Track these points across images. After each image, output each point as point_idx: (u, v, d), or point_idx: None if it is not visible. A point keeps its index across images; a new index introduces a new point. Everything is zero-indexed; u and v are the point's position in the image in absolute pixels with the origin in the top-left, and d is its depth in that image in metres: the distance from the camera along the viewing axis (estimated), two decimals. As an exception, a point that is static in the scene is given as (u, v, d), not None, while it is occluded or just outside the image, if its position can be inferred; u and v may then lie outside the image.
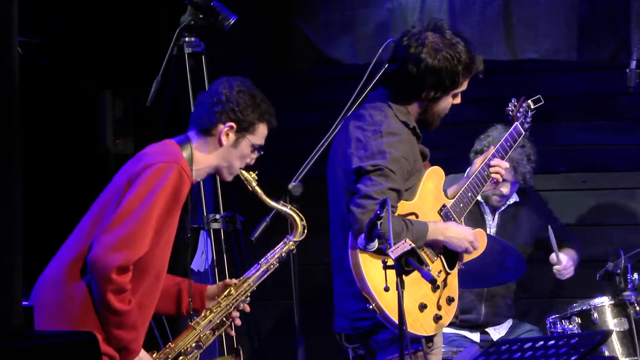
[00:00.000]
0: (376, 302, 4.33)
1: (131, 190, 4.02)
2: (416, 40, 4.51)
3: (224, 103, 4.20)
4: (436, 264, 4.56)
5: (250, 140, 4.26)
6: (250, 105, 4.23)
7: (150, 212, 3.98)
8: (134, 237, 3.96)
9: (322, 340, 5.32)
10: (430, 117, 4.63)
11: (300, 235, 4.39)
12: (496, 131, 5.90)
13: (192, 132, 4.26)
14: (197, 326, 4.27)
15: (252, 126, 4.25)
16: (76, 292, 4.03)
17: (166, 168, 4.03)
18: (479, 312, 5.98)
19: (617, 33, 5.91)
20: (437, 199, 4.65)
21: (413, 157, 4.53)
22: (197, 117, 4.25)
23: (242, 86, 4.25)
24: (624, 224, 6.65)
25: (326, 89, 6.78)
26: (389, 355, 4.47)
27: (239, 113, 4.21)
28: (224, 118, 4.21)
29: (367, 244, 4.17)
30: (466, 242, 4.56)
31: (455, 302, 4.59)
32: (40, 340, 3.46)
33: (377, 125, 4.50)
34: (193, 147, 4.20)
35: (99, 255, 3.94)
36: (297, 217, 4.39)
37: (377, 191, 4.35)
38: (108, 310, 3.98)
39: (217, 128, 4.21)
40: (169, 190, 4.01)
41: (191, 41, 5.23)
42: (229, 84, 4.25)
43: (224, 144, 4.22)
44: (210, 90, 4.29)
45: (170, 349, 4.23)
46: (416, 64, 4.49)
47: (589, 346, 4.05)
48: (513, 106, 4.96)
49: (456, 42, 4.53)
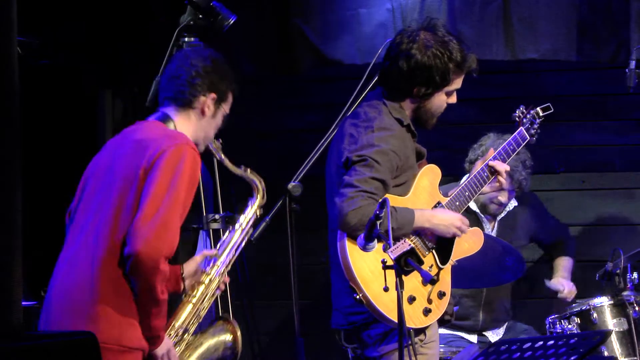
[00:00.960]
0: (363, 292, 4.35)
1: (154, 178, 3.97)
2: (408, 37, 4.56)
3: (205, 75, 4.18)
4: (428, 258, 4.58)
5: (224, 109, 4.27)
6: (225, 75, 4.24)
7: (178, 196, 3.96)
8: (171, 224, 3.93)
9: (322, 340, 5.32)
10: (424, 114, 4.65)
11: (261, 198, 4.44)
12: (489, 140, 5.88)
13: (169, 107, 4.22)
14: (193, 300, 4.28)
15: (226, 95, 4.26)
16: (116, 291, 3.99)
17: (182, 150, 4.00)
18: (477, 318, 5.98)
19: (617, 33, 5.91)
20: (432, 195, 4.66)
21: (404, 153, 4.55)
22: (176, 91, 4.20)
23: (216, 57, 4.25)
24: (624, 224, 6.65)
25: (326, 89, 6.79)
26: (382, 349, 4.49)
27: (219, 84, 4.21)
28: (206, 90, 4.19)
29: (367, 244, 4.18)
30: (453, 228, 4.57)
31: (447, 296, 4.59)
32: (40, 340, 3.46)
33: (369, 122, 4.55)
34: (175, 123, 4.19)
35: (144, 248, 3.88)
36: (257, 180, 4.45)
37: (360, 180, 4.38)
38: (154, 302, 3.97)
39: (199, 100, 4.19)
40: (189, 171, 4.00)
41: (191, 41, 5.22)
42: (203, 55, 4.23)
43: (206, 114, 4.21)
44: (184, 63, 4.22)
45: (175, 327, 4.24)
46: (407, 60, 4.53)
47: (588, 346, 4.05)
48: (521, 113, 4.93)
49: (448, 40, 4.57)
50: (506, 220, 6.07)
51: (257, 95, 6.80)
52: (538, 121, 4.93)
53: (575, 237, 6.59)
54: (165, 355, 4.10)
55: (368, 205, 4.34)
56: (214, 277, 4.33)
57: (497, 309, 6.03)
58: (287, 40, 6.26)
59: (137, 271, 3.93)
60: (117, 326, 3.97)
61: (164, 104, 4.25)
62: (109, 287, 3.99)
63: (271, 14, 6.30)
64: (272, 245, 4.56)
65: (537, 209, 6.25)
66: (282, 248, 4.50)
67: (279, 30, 6.29)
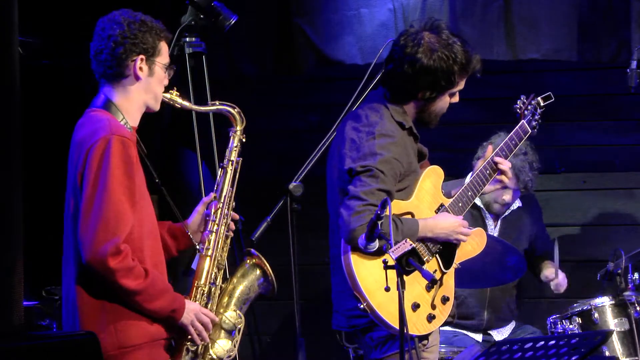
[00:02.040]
0: (367, 302, 4.34)
1: (84, 180, 3.98)
2: (412, 40, 4.52)
3: (123, 42, 4.13)
4: (431, 263, 4.56)
5: (160, 62, 4.21)
6: (146, 30, 4.17)
7: (112, 190, 3.94)
8: (111, 221, 3.93)
9: (322, 340, 5.32)
10: (428, 116, 4.63)
11: (240, 123, 4.40)
12: (499, 138, 5.86)
13: (106, 87, 4.18)
14: (209, 252, 4.28)
15: (155, 49, 4.19)
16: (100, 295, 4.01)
17: (104, 144, 3.97)
18: (481, 318, 5.97)
19: (618, 33, 5.91)
20: (435, 197, 4.64)
21: (407, 159, 4.53)
22: (105, 67, 4.16)
23: (128, 18, 4.17)
24: (624, 224, 6.65)
25: (326, 89, 6.78)
26: (384, 353, 4.48)
27: (141, 43, 4.15)
28: (131, 55, 4.14)
29: (368, 244, 4.17)
30: (455, 234, 4.55)
31: (451, 301, 4.58)
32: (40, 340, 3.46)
33: (371, 127, 4.51)
34: (115, 103, 4.15)
35: (88, 255, 3.91)
36: (229, 108, 4.40)
37: (366, 192, 4.36)
38: (130, 295, 3.96)
39: (129, 67, 4.15)
40: (117, 161, 3.97)
41: (192, 41, 5.23)
42: (116, 21, 4.16)
43: (142, 77, 4.17)
44: (101, 36, 4.17)
45: (200, 286, 4.24)
46: (412, 64, 4.49)
47: (589, 346, 4.05)
48: (522, 103, 4.89)
49: (452, 42, 4.53)
50: (510, 220, 6.06)
51: (258, 95, 6.79)
52: (539, 111, 4.91)
53: (576, 237, 6.58)
54: (195, 320, 4.11)
55: None
56: (220, 220, 4.32)
57: (501, 308, 6.02)
58: (289, 41, 6.25)
59: (97, 277, 3.95)
60: (111, 332, 3.97)
61: (100, 83, 4.21)
62: (90, 294, 4.01)
63: (272, 14, 6.30)
64: (273, 245, 4.54)
65: (536, 215, 6.23)
66: (283, 248, 4.50)
67: (280, 30, 6.28)
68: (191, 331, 4.11)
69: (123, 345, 3.97)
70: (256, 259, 4.38)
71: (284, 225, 4.43)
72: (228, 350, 4.26)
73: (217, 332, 4.24)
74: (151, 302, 4.00)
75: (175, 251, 4.38)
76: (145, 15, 4.21)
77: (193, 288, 4.24)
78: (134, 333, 4.00)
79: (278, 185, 4.50)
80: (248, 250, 4.43)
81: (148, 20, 4.20)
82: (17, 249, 3.57)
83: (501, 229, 6.03)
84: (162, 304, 4.03)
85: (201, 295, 4.23)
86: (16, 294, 3.53)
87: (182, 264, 4.78)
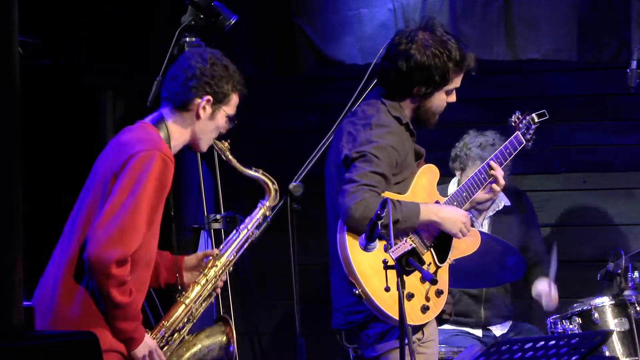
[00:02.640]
0: (362, 287, 4.35)
1: (118, 183, 4.00)
2: (406, 38, 4.58)
3: (200, 77, 4.17)
4: (426, 256, 4.57)
5: (225, 111, 4.25)
6: (225, 76, 4.21)
7: (140, 203, 3.97)
8: (128, 230, 3.95)
9: (322, 340, 5.32)
10: (424, 114, 4.65)
11: (273, 200, 4.43)
12: (468, 137, 5.90)
13: (166, 108, 4.23)
14: (187, 300, 4.29)
15: (226, 97, 4.23)
16: (76, 293, 4.03)
17: (149, 156, 4.00)
18: (479, 315, 5.98)
19: (618, 33, 5.91)
20: (430, 195, 4.66)
21: (403, 149, 4.55)
22: (171, 92, 4.21)
23: (215, 58, 4.23)
24: (624, 224, 6.65)
25: (326, 89, 6.79)
26: (380, 350, 4.49)
27: (215, 86, 4.19)
28: (201, 92, 4.18)
29: (368, 244, 4.18)
30: (460, 223, 4.56)
31: (445, 294, 4.59)
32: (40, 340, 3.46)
33: (367, 119, 4.56)
34: (168, 125, 4.18)
35: (96, 252, 3.93)
36: (269, 181, 4.43)
37: (360, 174, 4.39)
38: (112, 305, 3.98)
39: (194, 102, 4.18)
40: (154, 178, 4.00)
41: (192, 41, 5.23)
42: (202, 57, 4.21)
43: (202, 117, 4.20)
44: (182, 64, 4.23)
45: (164, 327, 4.25)
46: (406, 60, 4.54)
47: (589, 346, 4.05)
48: (517, 118, 4.94)
49: (446, 39, 4.58)
50: (498, 218, 6.04)
51: (258, 95, 6.78)
52: (533, 127, 4.94)
53: (576, 237, 6.58)
54: (147, 356, 4.11)
55: (370, 197, 4.33)
56: (211, 277, 4.33)
57: (497, 305, 6.02)
58: (289, 41, 6.26)
59: (91, 275, 3.97)
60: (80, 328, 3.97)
61: (162, 104, 4.26)
62: (72, 291, 4.03)
63: (272, 14, 6.30)
64: (273, 245, 4.55)
65: (532, 216, 6.19)
66: (283, 248, 4.50)
67: (280, 30, 6.28)
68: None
69: None
70: (227, 329, 4.39)
71: (284, 225, 4.44)
72: None
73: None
74: (123, 320, 4.03)
75: (163, 283, 4.41)
76: (232, 64, 4.25)
77: (158, 325, 4.25)
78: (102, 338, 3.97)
79: (278, 185, 4.50)
80: (225, 316, 4.45)
81: (232, 68, 4.24)
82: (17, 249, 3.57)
83: (491, 228, 6.01)
84: (129, 326, 4.05)
85: (162, 337, 4.23)
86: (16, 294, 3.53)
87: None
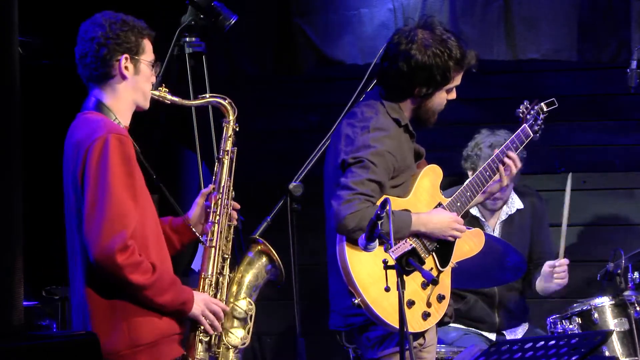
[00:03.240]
0: (361, 297, 4.35)
1: (86, 179, 3.99)
2: (406, 38, 4.54)
3: (106, 43, 4.14)
4: (428, 261, 4.57)
5: (145, 59, 4.22)
6: (127, 29, 4.18)
7: (113, 187, 3.96)
8: (115, 217, 3.94)
9: (322, 340, 5.31)
10: (425, 113, 4.64)
11: (232, 113, 4.41)
12: (481, 135, 5.88)
13: (95, 89, 4.19)
14: (214, 243, 4.29)
15: (139, 47, 4.20)
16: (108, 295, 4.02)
17: (102, 142, 3.98)
18: (493, 320, 5.94)
19: (618, 33, 5.91)
20: (433, 196, 4.65)
21: (401, 153, 4.54)
22: (91, 70, 4.18)
23: (110, 18, 4.19)
24: (624, 224, 6.65)
25: (326, 89, 6.78)
26: (380, 353, 4.49)
27: (124, 43, 4.16)
28: (115, 55, 4.15)
29: (368, 244, 4.17)
30: (450, 230, 4.56)
31: (447, 299, 4.58)
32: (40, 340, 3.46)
33: (366, 122, 4.53)
34: (106, 104, 4.16)
35: (96, 253, 3.92)
36: (220, 99, 4.41)
37: (356, 182, 4.37)
38: (139, 289, 3.97)
39: (115, 67, 4.16)
40: (116, 159, 3.98)
41: (192, 41, 5.22)
42: (97, 23, 4.18)
43: (128, 76, 4.17)
44: (84, 40, 4.19)
45: (206, 277, 4.25)
46: (406, 60, 4.51)
47: (589, 346, 4.04)
48: (525, 108, 4.91)
49: (446, 38, 4.55)
50: (508, 222, 6.03)
51: (258, 95, 6.80)
52: (542, 117, 4.91)
53: (576, 237, 6.58)
54: (205, 310, 4.13)
55: (366, 208, 4.33)
56: (221, 211, 4.33)
57: (512, 308, 5.98)
58: (289, 41, 6.26)
59: (104, 274, 3.95)
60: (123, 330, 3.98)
61: (89, 86, 4.23)
62: (102, 296, 4.02)
63: (272, 14, 6.30)
64: (273, 245, 4.54)
65: (545, 220, 6.17)
66: (283, 248, 4.50)
67: (280, 30, 6.28)
68: (203, 321, 4.13)
69: (136, 343, 3.98)
70: (262, 246, 4.39)
71: (284, 225, 4.43)
72: (242, 338, 4.27)
73: (229, 321, 4.25)
74: (160, 295, 4.00)
75: (179, 245, 4.39)
76: (127, 15, 4.22)
77: (200, 279, 4.25)
78: (146, 331, 4.01)
79: (278, 185, 4.50)
80: (254, 238, 4.42)
81: (129, 19, 4.21)
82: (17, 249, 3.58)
83: (502, 234, 6.00)
84: (171, 297, 4.03)
85: (209, 286, 4.24)
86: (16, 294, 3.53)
87: (181, 264, 4.79)
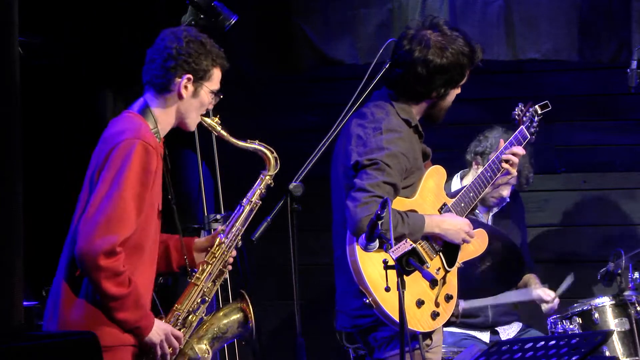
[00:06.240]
0: (373, 296, 4.35)
1: (102, 175, 4.00)
2: (419, 43, 4.53)
3: (176, 57, 4.15)
4: (435, 261, 4.57)
5: (207, 87, 4.22)
6: (202, 52, 4.19)
7: (124, 191, 3.96)
8: (114, 220, 3.94)
9: (322, 340, 5.31)
10: (438, 112, 4.67)
11: (273, 169, 4.41)
12: (495, 131, 5.89)
13: (149, 93, 4.21)
14: (198, 281, 4.28)
15: (207, 73, 4.21)
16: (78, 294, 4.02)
17: (129, 145, 4.00)
18: (486, 314, 5.96)
19: (618, 33, 5.91)
20: (438, 197, 4.66)
21: (413, 154, 4.55)
22: (152, 76, 4.19)
23: (190, 35, 4.20)
24: (624, 224, 6.65)
25: (326, 89, 6.78)
26: (387, 353, 4.49)
27: (193, 63, 4.17)
28: (180, 72, 4.16)
29: (368, 244, 4.17)
30: (462, 233, 4.57)
31: (454, 299, 4.59)
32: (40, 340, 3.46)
33: (377, 123, 4.53)
34: (153, 110, 4.17)
35: (83, 246, 3.92)
36: (267, 151, 4.41)
37: (372, 184, 4.38)
38: (107, 297, 3.96)
39: (175, 83, 4.17)
40: (136, 166, 3.99)
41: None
42: (176, 36, 4.19)
43: (184, 96, 4.18)
44: (158, 47, 4.20)
45: (179, 310, 4.24)
46: (425, 65, 4.52)
47: (589, 346, 4.04)
48: (520, 110, 4.94)
49: (456, 37, 4.58)
50: (500, 216, 6.05)
51: (258, 95, 6.79)
52: (537, 119, 4.94)
53: (576, 237, 6.58)
54: (163, 341, 4.10)
55: None
56: (219, 255, 4.32)
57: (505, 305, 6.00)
58: (288, 40, 6.25)
59: (82, 269, 3.95)
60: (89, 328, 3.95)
61: (145, 89, 4.24)
62: (74, 293, 4.02)
63: (272, 14, 6.30)
64: (273, 245, 4.55)
65: (522, 217, 6.20)
66: (283, 248, 4.49)
67: (279, 30, 6.28)
68: (156, 350, 4.10)
69: None
70: (244, 305, 4.39)
71: (284, 225, 4.43)
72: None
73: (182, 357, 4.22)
74: (122, 311, 4.00)
75: (176, 266, 4.39)
76: (209, 39, 4.23)
77: (171, 311, 4.24)
78: (107, 335, 3.99)
79: (278, 185, 4.50)
80: (241, 292, 4.43)
81: (209, 43, 4.21)
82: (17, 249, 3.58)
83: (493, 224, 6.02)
84: (130, 317, 4.02)
85: (176, 320, 4.23)
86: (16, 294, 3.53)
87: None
